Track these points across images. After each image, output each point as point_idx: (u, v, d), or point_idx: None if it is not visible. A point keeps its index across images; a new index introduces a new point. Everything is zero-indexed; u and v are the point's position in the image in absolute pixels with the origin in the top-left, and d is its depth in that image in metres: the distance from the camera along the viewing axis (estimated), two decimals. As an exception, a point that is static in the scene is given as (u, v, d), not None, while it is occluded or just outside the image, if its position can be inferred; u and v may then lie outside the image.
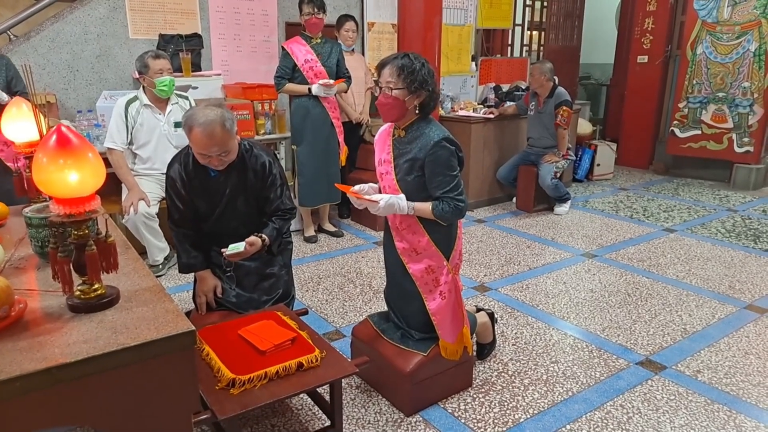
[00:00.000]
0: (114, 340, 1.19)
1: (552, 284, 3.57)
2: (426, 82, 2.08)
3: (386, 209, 2.13)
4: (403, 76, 2.06)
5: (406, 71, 2.06)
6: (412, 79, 2.06)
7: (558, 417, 2.27)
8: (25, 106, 1.91)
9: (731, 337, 2.91)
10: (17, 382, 1.07)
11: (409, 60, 2.09)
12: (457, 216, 2.15)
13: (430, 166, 2.10)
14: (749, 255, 4.09)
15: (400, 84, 2.07)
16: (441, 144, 2.08)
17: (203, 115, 2.16)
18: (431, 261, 2.22)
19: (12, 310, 1.25)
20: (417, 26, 4.71)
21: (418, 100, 2.11)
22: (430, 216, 2.14)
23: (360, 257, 4.01)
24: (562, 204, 5.16)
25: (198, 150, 2.23)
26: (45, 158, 1.20)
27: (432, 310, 2.25)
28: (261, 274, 2.51)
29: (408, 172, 2.15)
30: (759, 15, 5.66)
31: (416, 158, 2.11)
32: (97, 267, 1.29)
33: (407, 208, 2.14)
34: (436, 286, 2.24)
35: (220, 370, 1.83)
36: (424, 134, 2.12)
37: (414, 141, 2.14)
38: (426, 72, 2.09)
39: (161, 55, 3.46)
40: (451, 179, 2.10)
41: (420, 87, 2.08)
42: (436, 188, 2.12)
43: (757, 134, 5.88)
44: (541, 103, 5.05)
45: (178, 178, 2.39)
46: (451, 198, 2.10)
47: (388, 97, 2.10)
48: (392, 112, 2.13)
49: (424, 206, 2.13)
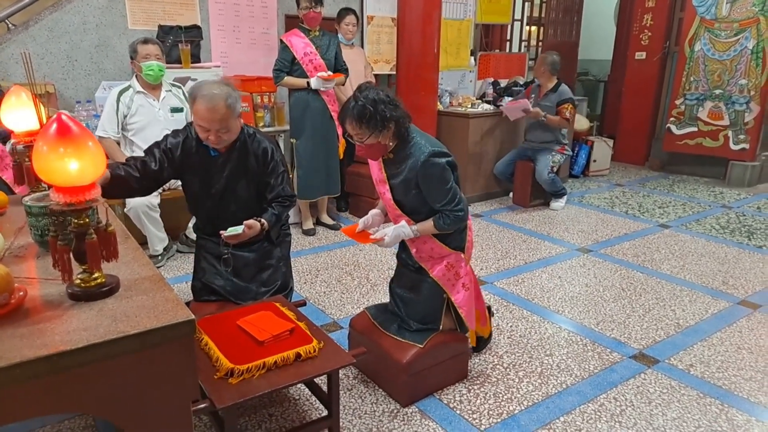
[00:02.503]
0: (114, 328, 1.19)
1: (547, 278, 3.59)
2: (387, 117, 2.07)
3: (393, 240, 2.25)
4: (365, 125, 2.08)
5: (365, 119, 2.06)
6: (374, 123, 2.07)
7: (552, 409, 2.29)
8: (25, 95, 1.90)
9: (724, 331, 2.94)
10: (17, 369, 1.08)
11: (362, 106, 2.06)
12: (458, 224, 2.24)
13: (423, 184, 2.16)
14: (743, 251, 4.12)
15: (366, 132, 2.09)
16: (429, 162, 2.12)
17: (209, 88, 2.19)
18: (449, 259, 2.32)
19: (12, 297, 1.25)
20: (416, 20, 4.70)
21: (390, 131, 2.13)
22: (434, 231, 2.23)
23: (358, 250, 4.02)
24: (559, 199, 5.18)
25: (198, 122, 2.24)
26: (45, 147, 1.20)
27: (458, 303, 2.35)
28: (259, 266, 2.52)
29: (405, 193, 2.23)
30: (757, 12, 5.67)
31: (408, 178, 2.18)
32: (97, 256, 1.30)
33: (412, 233, 2.24)
34: (457, 279, 2.34)
35: (219, 360, 1.84)
36: (411, 154, 2.16)
37: (403, 161, 2.19)
38: (383, 107, 2.06)
39: (150, 40, 3.51)
40: (446, 192, 2.16)
41: (384, 124, 2.08)
42: (434, 202, 2.19)
43: (753, 131, 5.90)
44: (541, 95, 5.06)
45: (177, 148, 2.36)
46: (450, 210, 2.18)
47: (363, 147, 2.16)
48: (375, 155, 2.22)
49: (427, 225, 2.23)
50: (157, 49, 3.49)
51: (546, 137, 5.08)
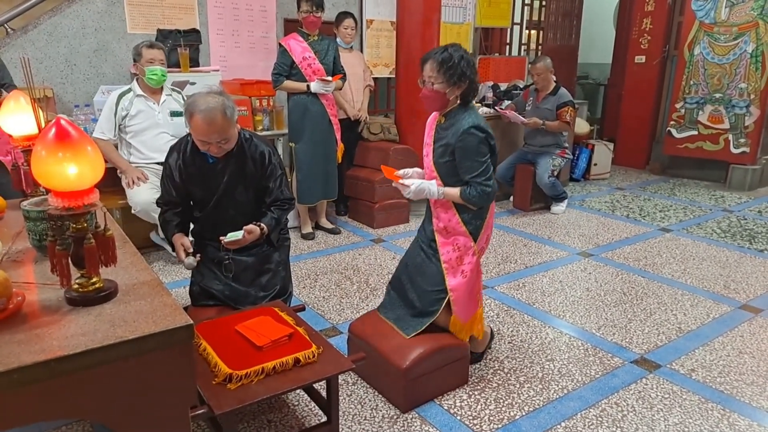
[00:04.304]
0: (112, 334, 1.19)
1: (548, 283, 3.58)
2: (465, 75, 2.20)
3: (417, 193, 2.28)
4: (443, 71, 2.19)
5: (446, 65, 2.19)
6: (452, 73, 2.19)
7: (553, 414, 2.28)
8: (23, 99, 1.90)
9: (725, 336, 2.93)
10: (15, 374, 1.07)
11: (449, 54, 2.19)
12: (484, 200, 2.26)
13: (459, 152, 2.22)
14: (744, 255, 4.11)
15: (441, 78, 2.20)
16: (470, 131, 2.19)
17: (204, 102, 2.18)
18: (459, 240, 2.35)
19: (10, 302, 1.25)
20: (416, 24, 4.70)
21: (459, 90, 2.23)
22: (458, 200, 2.27)
23: (357, 254, 4.01)
24: (559, 203, 5.17)
25: (198, 137, 2.25)
26: (44, 151, 1.20)
27: (451, 287, 2.35)
28: (258, 270, 2.51)
29: (441, 156, 2.29)
30: (756, 16, 5.68)
31: (448, 144, 2.25)
32: (95, 260, 1.29)
33: (437, 193, 2.29)
34: (459, 264, 2.35)
35: (217, 365, 1.83)
36: (459, 121, 2.24)
37: (450, 127, 2.27)
38: (465, 64, 2.20)
39: (155, 45, 3.54)
40: (479, 165, 2.22)
41: (459, 80, 2.20)
42: (464, 173, 2.24)
43: (754, 135, 5.90)
44: (540, 99, 5.06)
45: (176, 168, 2.43)
46: (478, 183, 2.22)
47: (430, 90, 2.24)
48: (434, 104, 2.29)
49: (453, 191, 2.27)
50: (161, 54, 3.52)
51: (546, 141, 5.07)
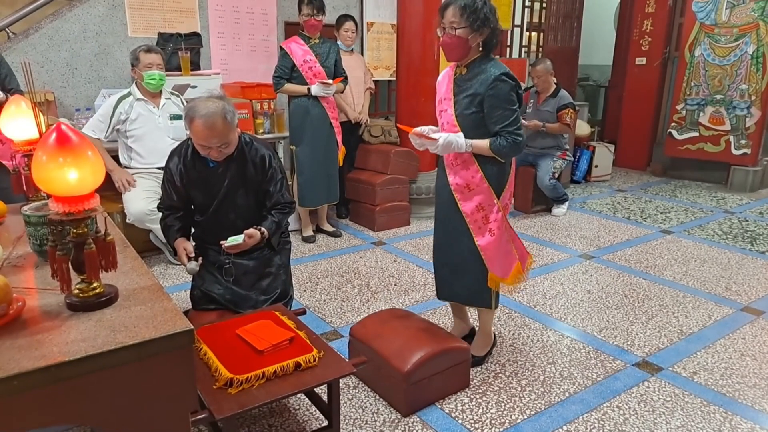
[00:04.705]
0: (112, 339, 1.19)
1: (549, 285, 3.57)
2: (488, 20, 2.14)
3: (445, 147, 2.21)
4: (466, 15, 2.13)
5: (469, 10, 2.12)
6: (474, 18, 2.12)
7: (555, 418, 2.27)
8: (24, 103, 1.90)
9: (727, 338, 2.92)
10: (15, 381, 1.07)
11: (473, 0, 2.13)
12: (514, 151, 2.21)
13: (489, 101, 2.17)
14: (746, 257, 4.10)
15: (463, 23, 2.14)
16: (501, 78, 2.15)
17: (205, 107, 2.18)
18: (482, 198, 2.29)
19: (10, 308, 1.25)
20: (416, 26, 4.70)
21: (481, 37, 2.18)
22: (487, 152, 2.21)
23: (358, 257, 4.01)
24: (560, 205, 5.17)
25: (198, 141, 2.26)
26: (45, 156, 1.19)
27: (481, 246, 2.33)
28: (259, 274, 2.51)
29: (467, 107, 2.22)
30: (757, 17, 5.68)
31: (476, 93, 2.19)
32: (95, 265, 1.29)
33: (465, 145, 2.22)
34: (485, 223, 2.32)
35: (218, 370, 1.83)
36: (485, 70, 2.19)
37: (475, 77, 2.21)
38: (488, 10, 2.14)
39: (153, 49, 3.52)
40: (510, 113, 2.17)
41: (482, 25, 2.14)
42: (495, 123, 2.18)
43: (755, 136, 5.89)
44: (541, 101, 5.06)
45: (177, 173, 2.43)
46: (509, 132, 2.17)
47: (452, 37, 2.17)
48: (456, 51, 2.21)
49: (482, 143, 2.21)
50: (159, 58, 3.51)
51: (547, 143, 5.07)
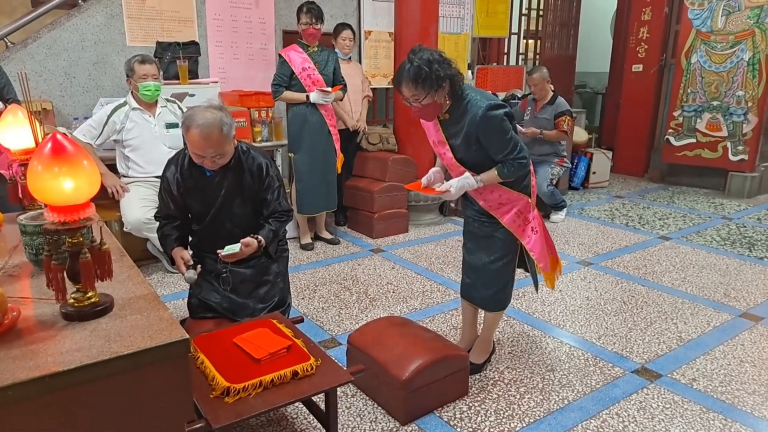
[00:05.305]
0: (107, 349, 1.18)
1: (548, 292, 3.57)
2: (441, 76, 2.15)
3: (458, 192, 2.31)
4: (420, 86, 2.14)
5: (420, 79, 2.14)
6: (429, 83, 2.14)
7: (554, 425, 2.26)
8: (21, 113, 1.90)
9: (726, 345, 2.92)
10: (9, 391, 1.07)
11: (417, 66, 2.13)
12: (521, 171, 2.30)
13: (484, 136, 2.22)
14: (744, 263, 4.10)
15: (421, 93, 2.16)
16: (488, 115, 2.18)
17: (203, 116, 2.18)
18: (517, 205, 2.36)
19: (5, 317, 1.24)
20: (413, 35, 4.72)
21: (444, 90, 2.20)
22: (497, 180, 2.29)
23: (356, 265, 4.00)
24: (558, 212, 5.17)
25: (193, 150, 2.26)
26: (40, 166, 1.20)
27: (530, 248, 2.40)
28: (256, 282, 2.50)
29: (467, 149, 2.28)
30: (753, 24, 5.71)
31: (469, 133, 2.23)
32: (90, 275, 1.29)
33: (476, 183, 2.29)
34: (527, 223, 2.39)
35: (215, 379, 1.82)
36: (468, 109, 2.22)
37: (461, 119, 2.25)
38: (437, 66, 2.14)
39: (147, 60, 3.49)
40: (507, 142, 2.22)
41: (440, 82, 2.15)
42: (495, 153, 2.25)
43: (752, 142, 5.91)
44: (538, 108, 5.07)
45: (174, 182, 2.42)
46: (512, 159, 2.24)
47: (419, 108, 2.22)
48: (430, 115, 2.28)
49: (490, 175, 2.28)
50: (154, 68, 3.48)
51: (545, 150, 5.08)
